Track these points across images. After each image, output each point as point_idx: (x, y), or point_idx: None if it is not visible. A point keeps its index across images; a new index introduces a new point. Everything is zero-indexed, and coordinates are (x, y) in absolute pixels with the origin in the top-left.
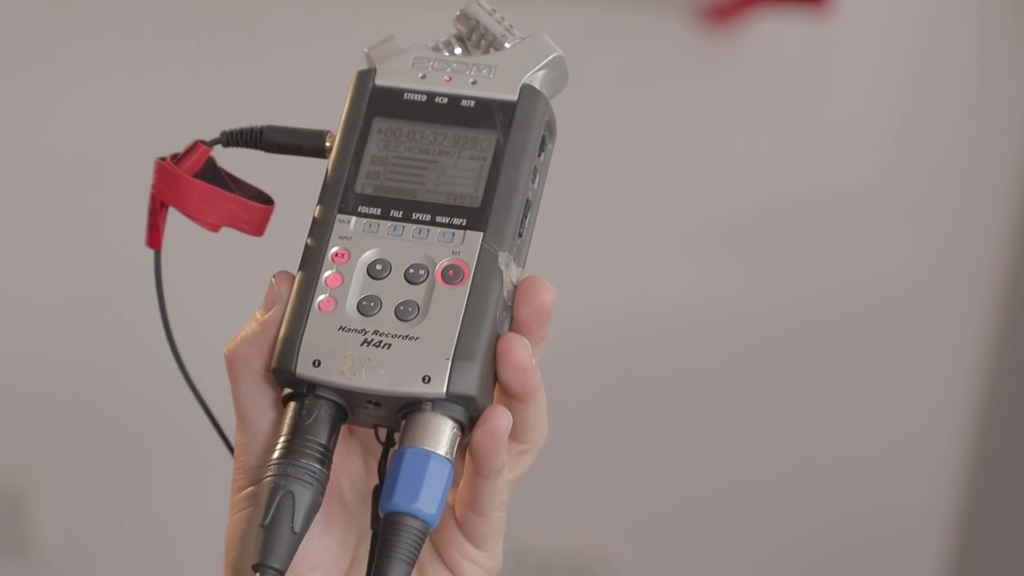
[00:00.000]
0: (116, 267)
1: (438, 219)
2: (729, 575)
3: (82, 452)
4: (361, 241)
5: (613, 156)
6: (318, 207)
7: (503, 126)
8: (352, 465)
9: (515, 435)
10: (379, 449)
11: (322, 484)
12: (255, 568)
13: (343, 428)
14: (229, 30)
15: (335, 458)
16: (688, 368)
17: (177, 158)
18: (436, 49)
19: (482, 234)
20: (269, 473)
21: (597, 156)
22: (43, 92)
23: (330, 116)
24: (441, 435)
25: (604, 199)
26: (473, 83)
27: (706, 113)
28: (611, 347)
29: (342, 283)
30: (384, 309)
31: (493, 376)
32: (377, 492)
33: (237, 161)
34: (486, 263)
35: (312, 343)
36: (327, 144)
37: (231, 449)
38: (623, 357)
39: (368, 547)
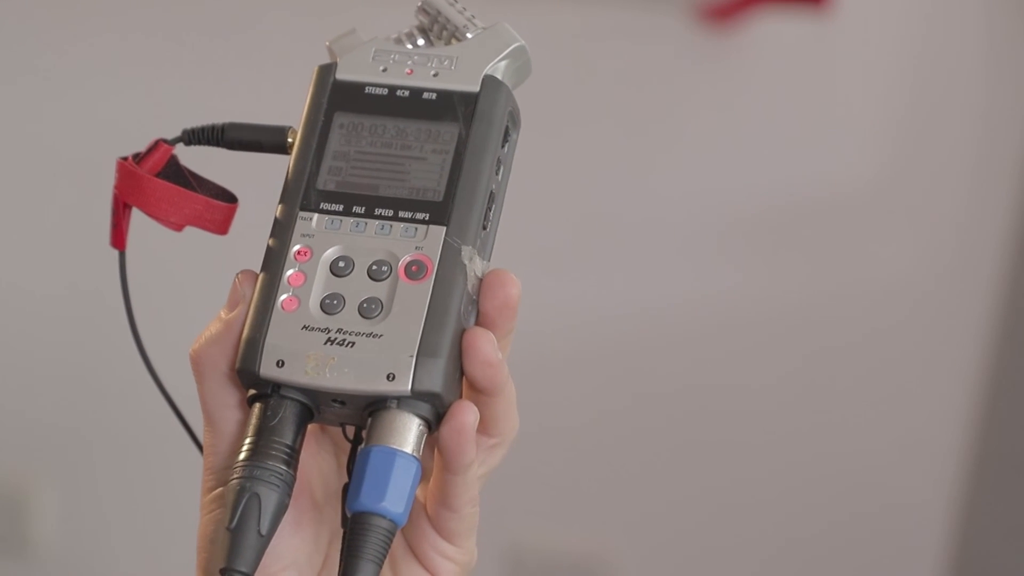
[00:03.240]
0: (118, 268)
1: (401, 214)
2: (729, 575)
3: (82, 453)
4: (323, 238)
5: (612, 155)
6: (280, 205)
7: (465, 118)
8: (323, 462)
9: (484, 429)
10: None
11: (288, 485)
12: (222, 572)
13: (314, 424)
14: (227, 31)
15: (305, 456)
16: (688, 368)
17: (139, 157)
18: (398, 41)
19: (445, 228)
20: (234, 476)
21: (596, 155)
22: (39, 92)
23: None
24: (407, 433)
25: (603, 198)
26: (435, 75)
27: (706, 113)
28: (611, 347)
29: (305, 281)
30: (347, 307)
31: (459, 371)
32: (346, 491)
33: (201, 159)
34: (449, 258)
35: (275, 343)
36: (289, 140)
37: (201, 448)
38: (623, 357)
39: (340, 546)
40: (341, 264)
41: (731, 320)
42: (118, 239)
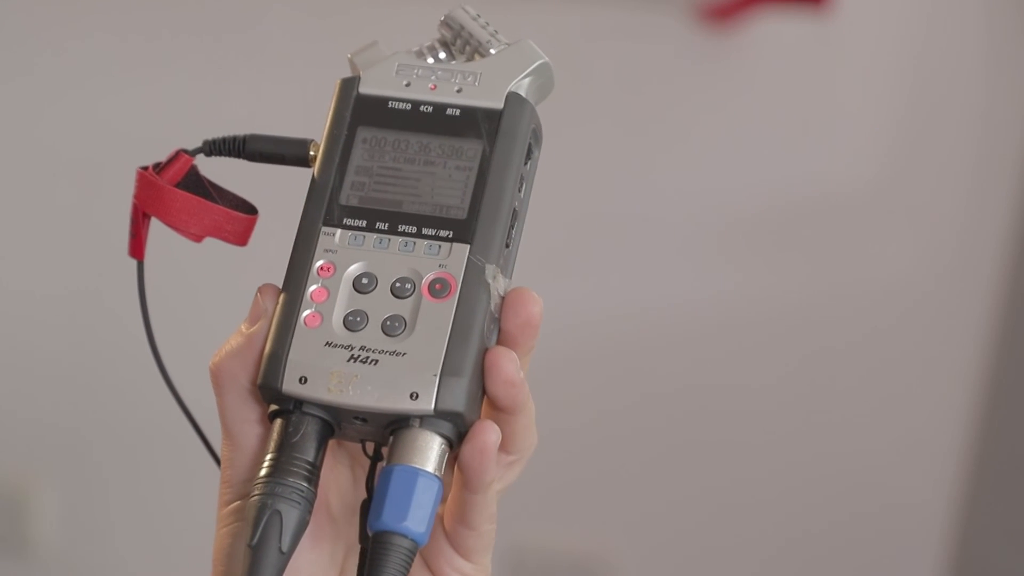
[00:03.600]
0: (121, 270)
1: (424, 231)
2: (729, 575)
3: (82, 453)
4: (347, 254)
5: (612, 156)
6: (303, 219)
7: (489, 135)
8: (340, 476)
9: (504, 446)
10: (367, 460)
11: (309, 502)
12: None
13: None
14: (228, 31)
15: (322, 470)
16: (688, 368)
17: (159, 167)
18: (420, 55)
19: (469, 246)
20: (256, 492)
21: (596, 156)
22: (39, 92)
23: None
24: (429, 452)
25: (603, 198)
26: (458, 91)
27: (706, 113)
28: (611, 347)
29: (328, 298)
30: (371, 324)
31: (481, 390)
32: (365, 508)
33: (221, 170)
34: (473, 276)
35: (298, 359)
36: (311, 153)
37: (217, 460)
38: (623, 357)
39: (356, 561)
40: (364, 281)
41: (731, 320)
42: (137, 249)
